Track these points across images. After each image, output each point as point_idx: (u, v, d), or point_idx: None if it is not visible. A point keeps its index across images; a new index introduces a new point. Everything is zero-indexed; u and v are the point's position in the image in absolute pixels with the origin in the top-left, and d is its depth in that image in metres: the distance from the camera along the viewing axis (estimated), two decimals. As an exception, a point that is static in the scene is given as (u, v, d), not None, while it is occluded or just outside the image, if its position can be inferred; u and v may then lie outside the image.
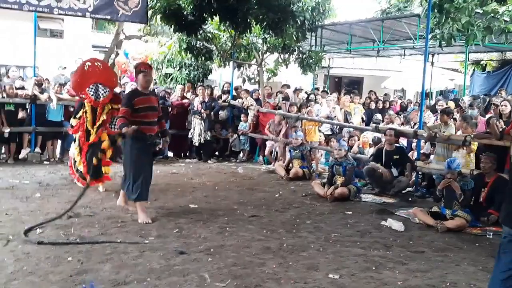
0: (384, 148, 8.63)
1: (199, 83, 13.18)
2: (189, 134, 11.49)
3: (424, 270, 4.63)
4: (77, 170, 7.66)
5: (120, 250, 4.80)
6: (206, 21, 12.20)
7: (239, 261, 4.59)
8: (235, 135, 11.91)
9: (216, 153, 12.22)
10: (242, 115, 11.98)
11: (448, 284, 4.30)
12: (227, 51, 13.30)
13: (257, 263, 4.58)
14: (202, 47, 13.04)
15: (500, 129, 7.09)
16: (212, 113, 11.54)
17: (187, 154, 12.05)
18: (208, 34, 12.90)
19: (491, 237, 5.92)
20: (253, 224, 6.03)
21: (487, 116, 9.61)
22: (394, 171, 8.35)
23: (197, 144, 11.46)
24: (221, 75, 18.09)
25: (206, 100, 11.52)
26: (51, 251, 4.69)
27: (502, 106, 7.95)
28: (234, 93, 12.85)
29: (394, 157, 8.41)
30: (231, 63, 13.84)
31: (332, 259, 4.84)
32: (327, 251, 5.09)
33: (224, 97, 12.65)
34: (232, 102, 12.33)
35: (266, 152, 11.22)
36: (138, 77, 6.17)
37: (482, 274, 4.58)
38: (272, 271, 4.35)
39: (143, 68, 6.18)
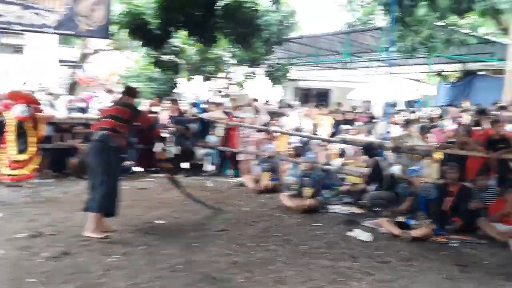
0: None
1: (166, 97, 13.11)
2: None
3: (389, 280, 4.66)
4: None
5: (83, 269, 4.70)
6: (172, 35, 12.18)
7: (207, 277, 4.54)
8: (205, 149, 11.84)
9: (186, 167, 12.14)
10: (211, 129, 11.96)
11: (413, 293, 4.34)
12: (195, 64, 13.29)
13: (225, 278, 4.55)
14: (170, 60, 13.04)
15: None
16: (180, 127, 11.50)
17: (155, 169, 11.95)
18: (176, 48, 12.90)
19: (455, 245, 6.01)
20: (221, 239, 5.98)
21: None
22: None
23: (165, 158, 11.40)
24: (189, 89, 18.04)
25: (174, 114, 11.47)
26: (11, 273, 4.56)
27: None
28: (203, 106, 12.82)
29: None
30: (199, 76, 13.85)
31: (300, 271, 4.84)
32: (295, 264, 5.08)
33: (192, 110, 12.60)
34: (201, 115, 12.30)
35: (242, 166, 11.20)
36: None
37: (447, 282, 4.65)
38: (239, 286, 4.32)
39: None
